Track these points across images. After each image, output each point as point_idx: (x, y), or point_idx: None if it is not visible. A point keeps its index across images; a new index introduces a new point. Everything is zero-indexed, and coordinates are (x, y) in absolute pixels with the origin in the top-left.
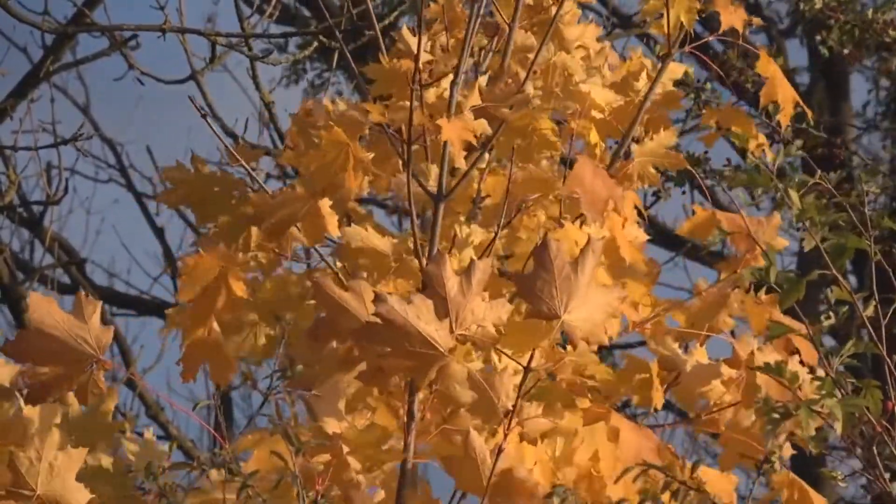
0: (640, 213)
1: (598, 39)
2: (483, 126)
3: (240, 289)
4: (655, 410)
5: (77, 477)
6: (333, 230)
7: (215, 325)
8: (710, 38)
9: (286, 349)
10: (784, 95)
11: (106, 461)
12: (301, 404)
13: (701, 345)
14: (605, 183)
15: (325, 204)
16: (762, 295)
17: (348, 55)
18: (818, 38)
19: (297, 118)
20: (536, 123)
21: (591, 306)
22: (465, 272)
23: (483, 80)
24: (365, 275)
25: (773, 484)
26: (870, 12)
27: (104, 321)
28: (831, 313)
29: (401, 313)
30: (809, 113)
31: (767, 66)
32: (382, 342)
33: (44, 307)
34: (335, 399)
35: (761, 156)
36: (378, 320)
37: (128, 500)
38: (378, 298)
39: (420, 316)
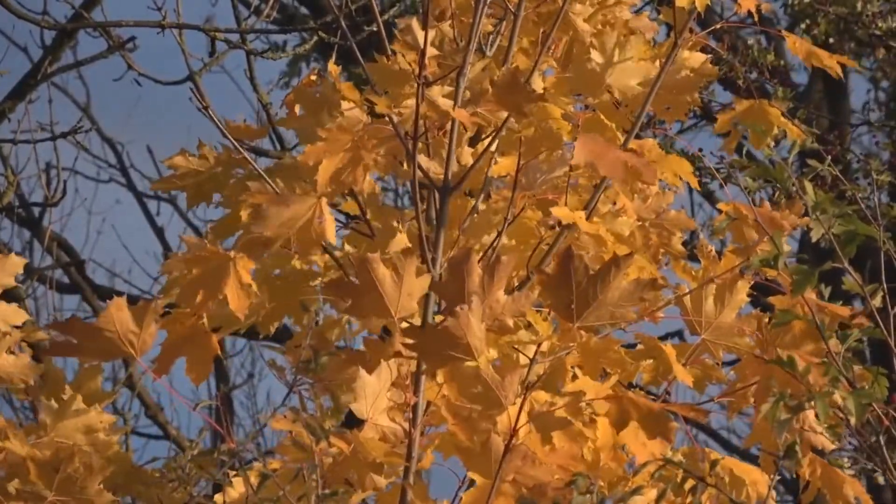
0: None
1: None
2: (491, 116)
3: (247, 276)
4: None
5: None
6: (331, 236)
7: (204, 320)
8: (718, 27)
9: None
10: (828, 59)
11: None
12: (325, 394)
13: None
14: (617, 153)
15: (327, 208)
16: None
17: (355, 47)
18: (801, 26)
19: (299, 88)
20: (544, 112)
21: (613, 305)
22: (489, 268)
23: (494, 73)
24: None
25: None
26: (859, 4)
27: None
28: None
29: (464, 328)
30: (855, 63)
31: (798, 44)
32: (433, 345)
33: (118, 312)
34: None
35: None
36: (442, 327)
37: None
38: (453, 313)
39: (477, 328)
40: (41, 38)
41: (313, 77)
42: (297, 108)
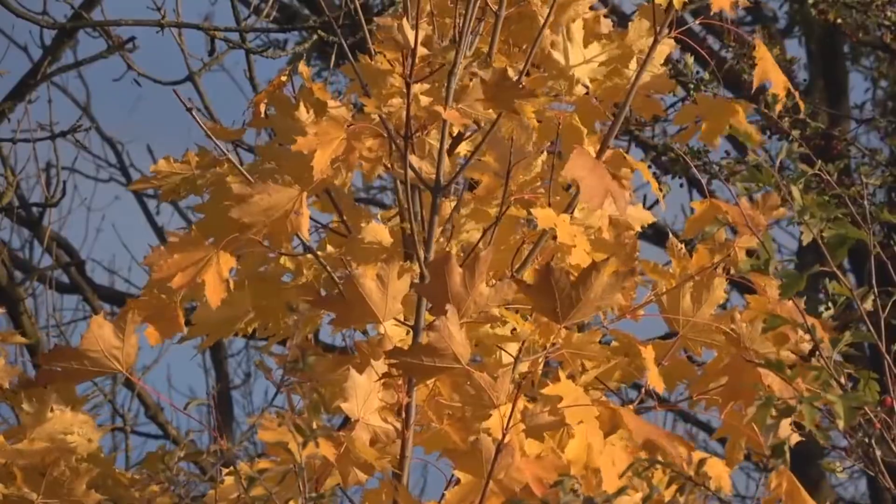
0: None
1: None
2: (482, 113)
3: (226, 272)
4: (648, 394)
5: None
6: (305, 232)
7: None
8: (707, 22)
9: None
10: (776, 80)
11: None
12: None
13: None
14: (602, 175)
15: (306, 203)
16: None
17: (345, 47)
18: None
19: (270, 90)
20: (520, 109)
21: (597, 300)
22: (469, 266)
23: (483, 73)
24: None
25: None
26: None
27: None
28: (830, 304)
29: (446, 339)
30: (801, 104)
31: (761, 50)
32: (420, 361)
33: (99, 330)
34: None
35: (759, 151)
36: (425, 343)
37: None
38: (432, 326)
39: (459, 337)
40: (41, 38)
41: (283, 78)
42: (263, 108)
